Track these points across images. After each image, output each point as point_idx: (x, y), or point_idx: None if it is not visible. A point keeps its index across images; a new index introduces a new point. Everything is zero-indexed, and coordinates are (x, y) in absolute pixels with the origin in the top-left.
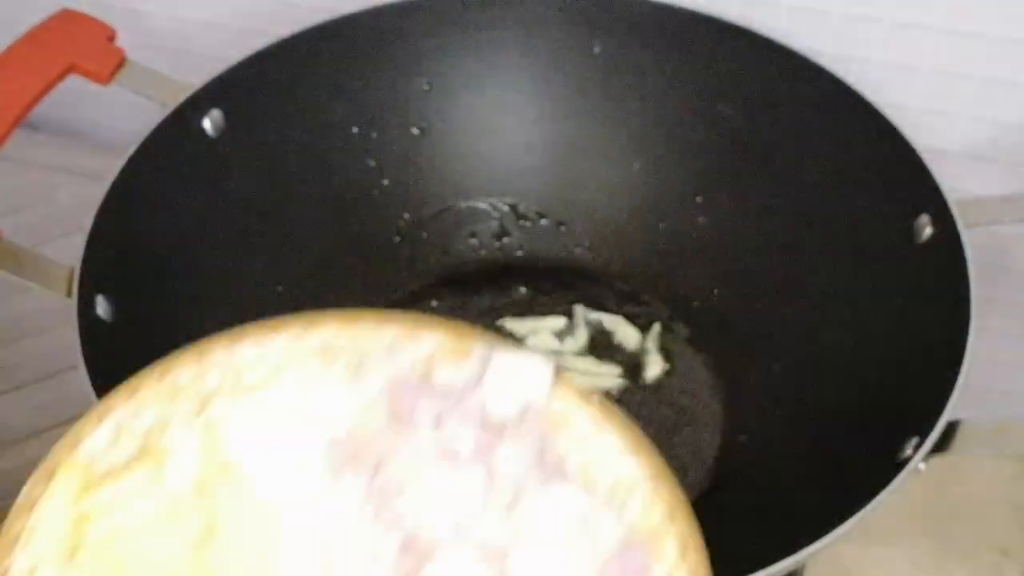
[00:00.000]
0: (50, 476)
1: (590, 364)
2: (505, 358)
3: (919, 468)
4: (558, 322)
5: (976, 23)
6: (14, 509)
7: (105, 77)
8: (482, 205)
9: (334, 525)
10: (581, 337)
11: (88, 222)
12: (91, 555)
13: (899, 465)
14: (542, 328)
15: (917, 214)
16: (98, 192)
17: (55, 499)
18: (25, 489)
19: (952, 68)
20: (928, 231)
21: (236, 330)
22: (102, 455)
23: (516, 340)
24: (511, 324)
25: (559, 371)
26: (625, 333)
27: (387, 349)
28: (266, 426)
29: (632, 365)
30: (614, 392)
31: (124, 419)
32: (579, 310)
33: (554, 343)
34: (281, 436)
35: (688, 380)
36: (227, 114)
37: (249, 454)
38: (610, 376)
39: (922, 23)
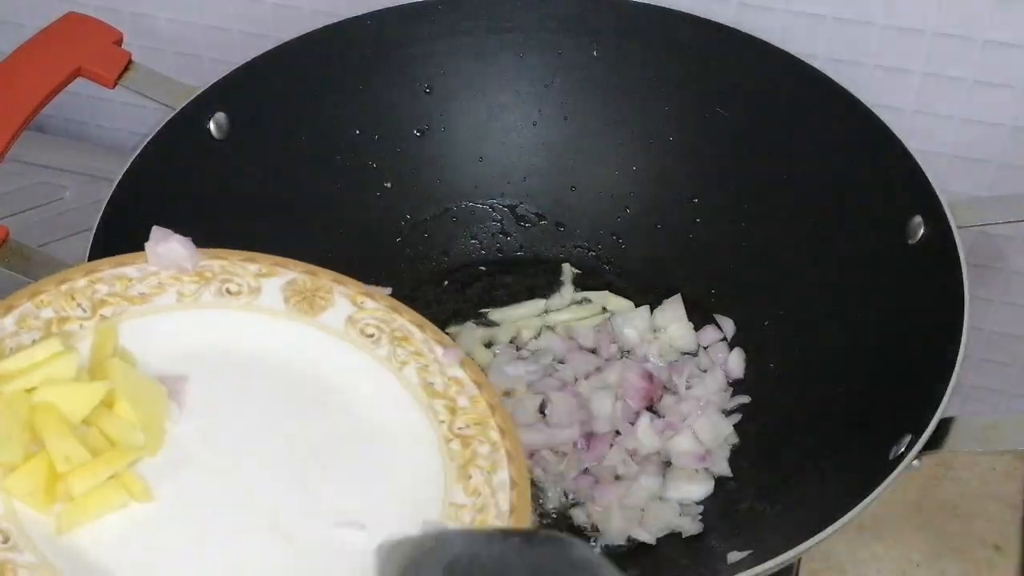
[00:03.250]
0: None
1: (574, 311)
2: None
3: (913, 465)
4: (536, 305)
5: (967, 27)
6: None
7: (111, 80)
8: (482, 206)
9: None
10: (567, 294)
11: (94, 222)
12: (3, 407)
13: (893, 462)
14: (519, 314)
15: (911, 215)
16: (104, 193)
17: None
18: None
19: (944, 71)
20: (921, 231)
21: (121, 256)
22: (9, 338)
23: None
24: (495, 314)
25: None
26: (617, 303)
27: (253, 276)
28: (151, 324)
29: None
30: None
31: (27, 312)
32: (566, 268)
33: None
34: (163, 330)
35: None
36: (231, 116)
37: (137, 343)
38: (594, 316)
39: (914, 27)
